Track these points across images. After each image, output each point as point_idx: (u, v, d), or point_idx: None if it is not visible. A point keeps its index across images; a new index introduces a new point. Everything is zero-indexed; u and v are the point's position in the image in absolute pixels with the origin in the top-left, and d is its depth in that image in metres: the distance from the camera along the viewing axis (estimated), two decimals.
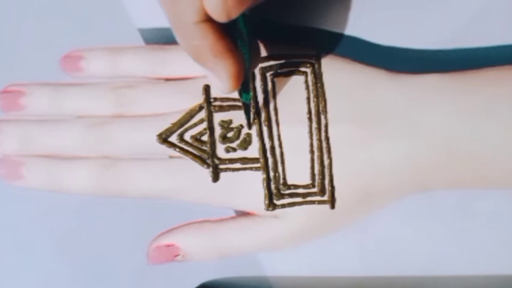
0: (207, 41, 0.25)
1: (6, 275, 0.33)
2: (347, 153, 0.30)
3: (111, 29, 0.33)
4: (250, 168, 0.30)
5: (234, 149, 0.30)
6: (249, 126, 0.30)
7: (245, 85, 0.29)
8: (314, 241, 0.31)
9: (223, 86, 0.27)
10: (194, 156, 0.31)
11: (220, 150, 0.31)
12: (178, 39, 0.26)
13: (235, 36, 0.27)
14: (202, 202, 0.31)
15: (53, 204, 0.33)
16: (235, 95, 0.30)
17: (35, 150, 0.32)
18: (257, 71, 0.31)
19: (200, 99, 0.31)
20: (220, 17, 0.24)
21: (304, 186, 0.30)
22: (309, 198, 0.30)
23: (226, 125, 0.31)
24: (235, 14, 0.24)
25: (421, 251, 0.32)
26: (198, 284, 0.32)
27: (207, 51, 0.25)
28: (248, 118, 0.30)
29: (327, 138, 0.30)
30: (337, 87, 0.30)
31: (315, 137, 0.30)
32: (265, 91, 0.31)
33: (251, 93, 0.30)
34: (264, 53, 0.31)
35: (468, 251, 0.32)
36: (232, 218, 0.32)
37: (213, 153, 0.30)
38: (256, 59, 0.31)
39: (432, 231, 0.32)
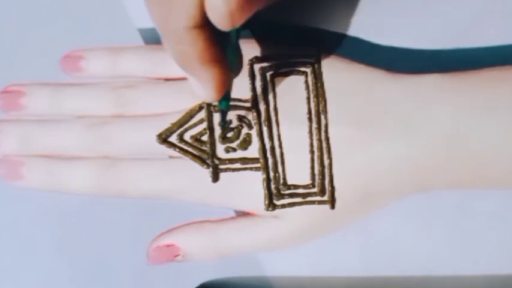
0: (196, 47, 0.24)
1: (6, 275, 0.33)
2: (347, 153, 0.30)
3: (111, 29, 0.33)
4: (250, 169, 0.30)
5: (234, 149, 0.30)
6: (223, 133, 0.30)
7: (226, 92, 0.27)
8: (314, 241, 0.31)
9: (206, 95, 0.26)
10: (194, 156, 0.31)
11: (220, 150, 0.31)
12: (164, 42, 0.25)
13: (225, 45, 0.26)
14: (202, 202, 0.31)
15: (53, 204, 0.33)
16: (235, 95, 0.30)
17: (35, 150, 0.32)
18: (257, 71, 0.31)
19: (200, 99, 0.31)
20: (224, 25, 0.23)
21: (304, 187, 0.30)
22: (309, 199, 0.30)
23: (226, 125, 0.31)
24: (239, 22, 0.23)
25: (421, 251, 0.32)
26: (198, 284, 0.32)
27: (194, 58, 0.24)
28: (223, 125, 0.30)
29: (327, 138, 0.30)
30: (337, 87, 0.30)
31: (315, 137, 0.30)
32: (265, 91, 0.31)
33: (230, 102, 0.29)
34: (264, 53, 0.31)
35: (468, 251, 0.32)
36: (232, 218, 0.32)
37: (213, 153, 0.30)
38: (241, 68, 0.29)
39: (432, 231, 0.32)
